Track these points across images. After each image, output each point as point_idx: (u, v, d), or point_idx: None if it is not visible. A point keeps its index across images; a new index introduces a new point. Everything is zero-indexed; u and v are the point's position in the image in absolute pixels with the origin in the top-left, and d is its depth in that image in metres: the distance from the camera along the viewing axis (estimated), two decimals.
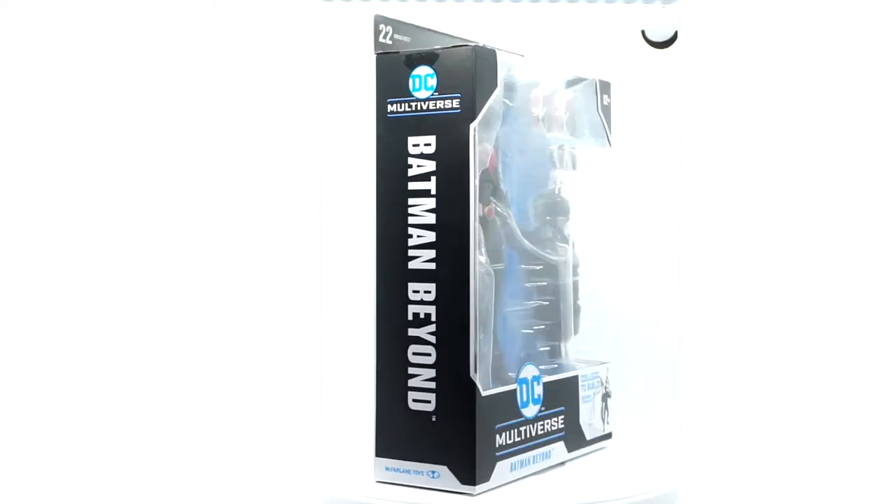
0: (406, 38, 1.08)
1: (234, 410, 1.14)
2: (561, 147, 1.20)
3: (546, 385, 1.12)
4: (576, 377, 1.18)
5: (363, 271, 1.06)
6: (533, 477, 1.09)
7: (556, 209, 1.17)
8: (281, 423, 1.13)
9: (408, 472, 1.04)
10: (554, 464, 1.14)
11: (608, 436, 1.24)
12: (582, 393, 1.19)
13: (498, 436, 1.05)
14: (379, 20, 1.06)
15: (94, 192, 1.17)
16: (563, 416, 1.15)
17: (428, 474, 1.03)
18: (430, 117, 1.02)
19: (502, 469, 1.05)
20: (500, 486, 1.05)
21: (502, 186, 1.11)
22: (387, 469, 1.05)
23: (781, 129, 1.16)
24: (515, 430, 1.07)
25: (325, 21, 1.14)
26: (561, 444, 1.15)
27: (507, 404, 1.06)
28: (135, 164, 1.17)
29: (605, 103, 1.25)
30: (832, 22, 1.16)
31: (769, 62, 1.15)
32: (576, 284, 1.21)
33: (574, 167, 1.22)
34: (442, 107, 1.02)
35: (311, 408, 1.12)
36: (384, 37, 1.06)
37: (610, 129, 1.24)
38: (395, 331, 1.04)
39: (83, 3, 1.16)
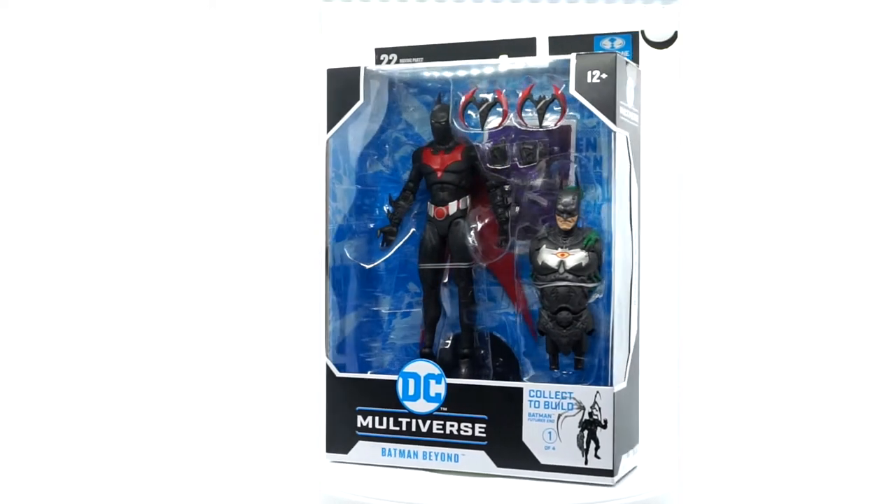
0: (419, 59, 1.20)
1: (234, 409, 1.21)
2: (500, 142, 1.08)
3: (458, 387, 1.09)
4: (519, 390, 1.07)
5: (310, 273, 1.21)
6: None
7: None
8: (280, 423, 1.19)
9: None
10: (468, 471, 1.10)
11: (600, 472, 1.05)
12: (528, 409, 1.07)
13: (361, 417, 1.13)
14: (380, 52, 1.21)
15: (93, 191, 1.21)
16: (484, 426, 1.08)
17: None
18: None
19: (367, 449, 1.13)
20: (369, 464, 1.13)
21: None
22: None
23: (782, 128, 1.13)
24: (391, 419, 1.12)
25: (325, 21, 1.15)
26: (482, 454, 1.09)
27: (377, 391, 1.12)
28: (134, 163, 1.20)
29: (594, 80, 1.04)
30: (832, 21, 1.13)
31: (769, 62, 1.13)
32: (565, 291, 1.07)
33: (529, 161, 1.08)
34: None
35: (310, 407, 1.16)
36: (387, 64, 1.22)
37: (608, 106, 1.04)
38: None
39: (83, 3, 1.17)
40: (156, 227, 1.22)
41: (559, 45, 1.15)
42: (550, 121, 1.09)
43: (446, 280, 1.16)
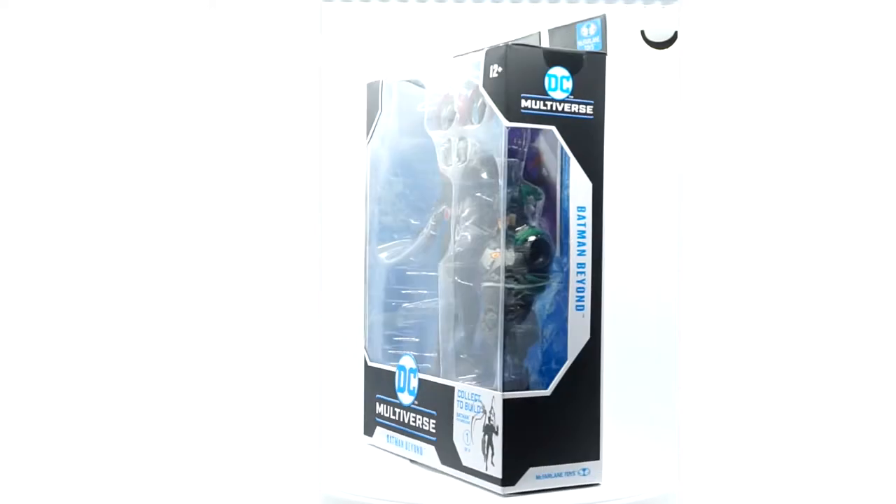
0: None
1: (234, 409, 1.18)
2: (448, 141, 1.07)
3: (423, 382, 1.12)
4: (452, 389, 1.06)
5: (360, 270, 1.26)
6: None
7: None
8: (281, 423, 1.17)
9: None
10: (425, 464, 1.11)
11: (493, 480, 1.00)
12: (457, 409, 1.06)
13: (377, 404, 1.20)
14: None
15: (94, 192, 1.18)
16: (434, 422, 1.09)
17: None
18: None
19: (380, 434, 1.20)
20: (380, 448, 1.20)
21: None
22: None
23: (781, 128, 1.15)
24: (391, 408, 1.18)
25: (325, 21, 1.16)
26: (433, 449, 1.10)
27: (387, 381, 1.18)
28: (134, 163, 1.18)
29: (494, 75, 1.00)
30: (832, 21, 1.15)
31: (769, 62, 1.14)
32: (491, 292, 1.04)
33: (461, 159, 1.04)
34: None
35: (310, 407, 1.16)
36: None
37: (502, 101, 1.00)
38: None
39: (83, 3, 1.17)
40: (160, 234, 1.22)
41: (554, 36, 1.11)
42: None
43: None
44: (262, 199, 1.20)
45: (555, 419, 1.03)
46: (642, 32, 1.13)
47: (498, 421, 1.02)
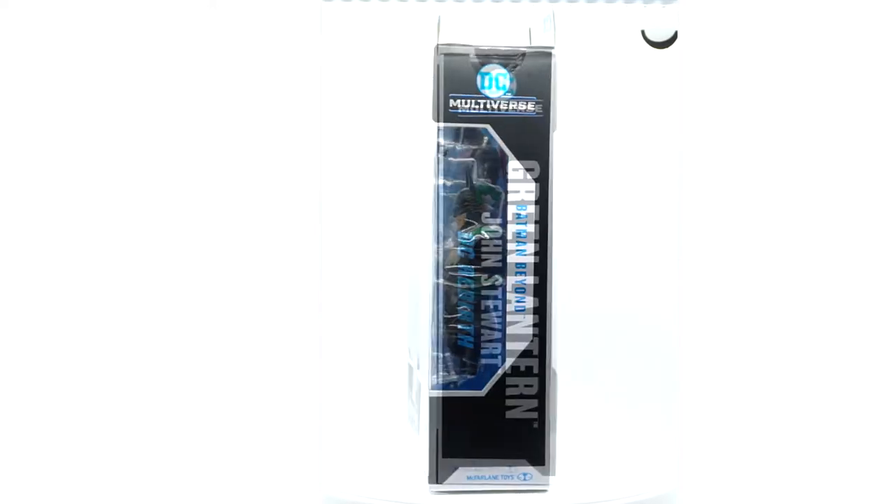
0: None
1: (234, 410, 1.17)
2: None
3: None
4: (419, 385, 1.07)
5: (363, 272, 1.23)
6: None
7: None
8: (281, 423, 1.16)
9: None
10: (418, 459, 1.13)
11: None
12: (425, 407, 1.07)
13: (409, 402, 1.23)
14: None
15: (93, 192, 1.17)
16: (418, 416, 1.11)
17: None
18: None
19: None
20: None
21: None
22: None
23: (781, 128, 1.17)
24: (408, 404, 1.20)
25: (325, 21, 1.14)
26: (421, 441, 1.11)
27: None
28: (134, 164, 1.17)
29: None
30: (832, 21, 1.17)
31: (769, 62, 1.17)
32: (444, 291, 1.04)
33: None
34: None
35: (310, 408, 1.15)
36: None
37: (431, 101, 1.02)
38: None
39: (83, 3, 1.16)
40: (160, 235, 1.21)
41: (534, 33, 1.09)
42: None
43: None
44: (261, 198, 1.20)
45: (490, 421, 1.02)
46: (642, 32, 1.13)
47: (425, 418, 1.02)
